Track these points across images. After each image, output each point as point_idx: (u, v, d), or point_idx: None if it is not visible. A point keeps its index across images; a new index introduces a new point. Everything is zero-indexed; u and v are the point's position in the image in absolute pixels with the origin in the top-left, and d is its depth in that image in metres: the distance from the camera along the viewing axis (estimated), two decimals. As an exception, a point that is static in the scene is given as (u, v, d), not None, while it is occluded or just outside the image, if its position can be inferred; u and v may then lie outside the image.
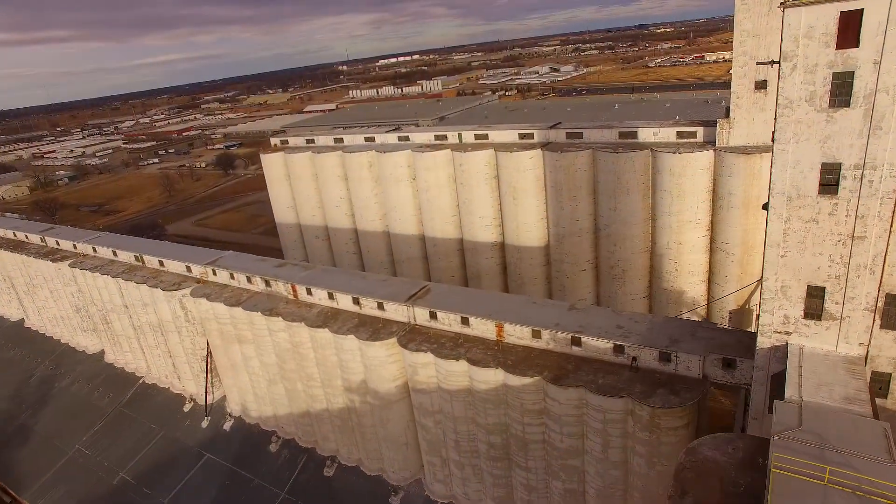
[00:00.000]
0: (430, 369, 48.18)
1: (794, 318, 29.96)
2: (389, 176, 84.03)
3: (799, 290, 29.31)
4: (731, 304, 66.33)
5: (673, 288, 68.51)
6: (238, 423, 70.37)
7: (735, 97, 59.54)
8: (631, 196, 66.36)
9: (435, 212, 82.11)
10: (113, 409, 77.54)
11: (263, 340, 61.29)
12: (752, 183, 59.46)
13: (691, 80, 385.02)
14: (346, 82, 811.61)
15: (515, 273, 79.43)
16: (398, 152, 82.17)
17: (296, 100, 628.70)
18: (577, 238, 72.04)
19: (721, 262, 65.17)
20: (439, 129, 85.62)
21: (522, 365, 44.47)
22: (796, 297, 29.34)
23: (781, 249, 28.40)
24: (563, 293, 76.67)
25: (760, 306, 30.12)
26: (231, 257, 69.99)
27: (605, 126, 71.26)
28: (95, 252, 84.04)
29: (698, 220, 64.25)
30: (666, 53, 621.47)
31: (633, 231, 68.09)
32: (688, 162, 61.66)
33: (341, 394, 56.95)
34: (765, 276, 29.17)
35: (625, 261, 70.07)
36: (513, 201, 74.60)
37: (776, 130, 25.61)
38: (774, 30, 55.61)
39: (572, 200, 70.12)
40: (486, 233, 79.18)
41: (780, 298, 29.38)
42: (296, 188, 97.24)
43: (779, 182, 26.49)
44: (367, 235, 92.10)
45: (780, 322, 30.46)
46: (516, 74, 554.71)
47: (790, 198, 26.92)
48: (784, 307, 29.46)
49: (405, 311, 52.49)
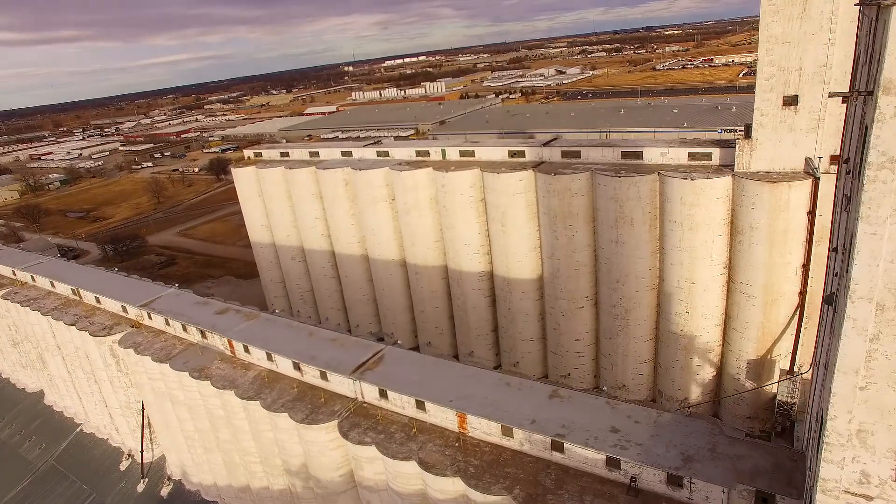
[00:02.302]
0: (377, 465, 39.21)
1: (877, 478, 20.32)
2: (366, 196, 75.42)
3: (887, 440, 19.92)
4: (749, 354, 57.29)
5: (683, 332, 59.45)
6: (177, 490, 61.80)
7: (759, 114, 50.51)
8: (635, 227, 57.37)
9: (416, 236, 73.42)
10: (44, 464, 69.14)
11: (195, 403, 52.71)
12: (777, 216, 50.38)
13: (700, 83, 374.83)
14: (351, 83, 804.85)
15: (505, 307, 70.60)
16: (375, 170, 73.52)
17: (298, 101, 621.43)
18: (574, 272, 63.11)
19: (740, 305, 56.07)
20: (420, 144, 76.91)
21: (488, 475, 35.02)
22: (882, 448, 19.60)
23: (861, 379, 19.03)
24: (557, 332, 67.78)
25: (823, 452, 20.72)
26: (169, 298, 61.46)
27: (605, 144, 62.32)
28: (34, 281, 75.74)
29: (714, 257, 55.20)
30: (674, 56, 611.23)
31: (638, 267, 59.10)
32: (702, 189, 52.64)
33: (282, 474, 48.21)
34: (831, 413, 19.74)
35: (628, 299, 61.10)
36: (501, 228, 65.77)
37: (862, 204, 16.50)
38: (809, 36, 46.58)
39: (568, 229, 61.20)
40: (472, 262, 70.40)
41: (856, 447, 20.04)
42: (269, 205, 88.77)
43: (863, 281, 17.20)
44: (344, 259, 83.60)
45: (854, 480, 20.56)
46: (521, 77, 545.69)
47: (882, 306, 17.49)
48: (861, 460, 20.19)
49: (351, 386, 43.62)
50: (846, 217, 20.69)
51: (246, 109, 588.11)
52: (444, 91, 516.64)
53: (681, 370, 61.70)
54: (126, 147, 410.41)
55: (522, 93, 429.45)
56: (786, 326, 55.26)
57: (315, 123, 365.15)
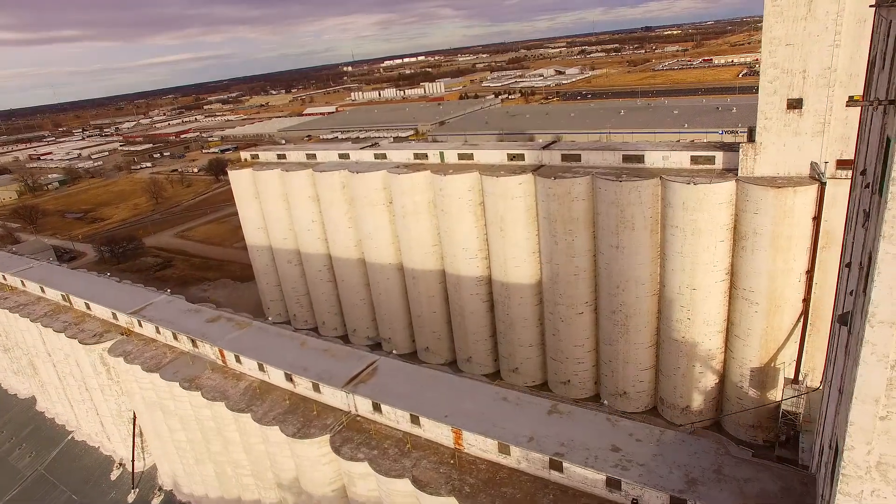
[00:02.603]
0: (369, 481, 38.08)
1: (899, 515, 19.09)
2: (363, 199, 74.33)
3: (911, 474, 18.34)
4: (752, 361, 56.24)
5: (685, 339, 58.38)
6: (168, 500, 60.66)
7: (762, 117, 49.46)
8: (636, 231, 56.31)
9: (413, 241, 72.34)
10: (33, 472, 67.99)
11: (186, 414, 51.58)
12: (782, 222, 49.34)
13: (699, 84, 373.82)
14: (350, 84, 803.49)
15: (503, 313, 69.52)
16: (372, 173, 72.44)
17: (297, 101, 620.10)
18: (574, 277, 62.05)
19: (743, 312, 55.01)
20: (419, 147, 75.83)
21: (483, 495, 33.74)
22: (906, 484, 18.45)
23: (882, 408, 17.73)
24: (557, 338, 66.70)
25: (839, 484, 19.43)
26: (161, 305, 60.32)
27: (606, 148, 61.26)
28: (24, 286, 74.60)
29: (716, 263, 54.14)
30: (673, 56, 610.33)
31: (639, 272, 58.05)
32: (705, 194, 51.59)
33: (273, 488, 47.10)
34: (849, 443, 18.52)
35: (628, 305, 60.03)
36: (500, 233, 64.71)
37: (885, 223, 15.31)
38: (813, 38, 45.52)
39: (568, 234, 60.13)
40: (470, 266, 69.31)
41: (876, 480, 18.79)
42: (266, 208, 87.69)
43: (884, 305, 15.89)
44: (341, 263, 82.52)
45: (871, 514, 19.49)
46: (520, 77, 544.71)
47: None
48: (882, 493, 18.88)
49: (344, 398, 42.53)
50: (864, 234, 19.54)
51: (245, 110, 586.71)
52: (444, 91, 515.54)
53: (682, 377, 60.64)
54: (125, 147, 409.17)
55: (522, 93, 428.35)
56: (790, 334, 54.18)
57: (314, 124, 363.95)
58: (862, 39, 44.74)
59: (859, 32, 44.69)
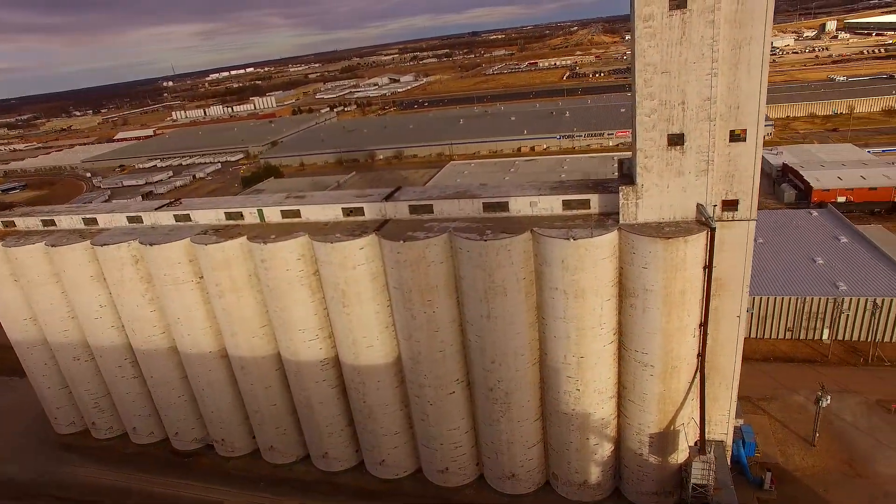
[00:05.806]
0: None
1: None
2: (164, 276, 57.16)
3: None
4: (650, 427, 49.04)
5: (575, 411, 49.76)
6: None
7: (642, 156, 41.71)
8: (509, 297, 46.39)
9: (235, 324, 56.83)
10: None
11: None
12: (675, 276, 42.00)
13: (529, 87, 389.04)
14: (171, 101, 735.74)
15: (359, 400, 56.57)
16: (172, 243, 55.69)
17: (108, 124, 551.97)
18: (440, 354, 50.86)
19: (636, 375, 47.44)
20: (231, 203, 60.24)
21: None
22: None
23: None
24: (426, 423, 55.29)
25: None
26: None
27: (462, 196, 50.68)
28: None
29: (603, 324, 45.89)
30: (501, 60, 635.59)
31: (517, 343, 48.30)
32: (587, 250, 42.85)
33: None
34: None
35: (508, 380, 50.14)
36: (342, 309, 51.68)
37: None
38: (690, 65, 38.26)
39: (427, 305, 48.73)
40: (311, 350, 55.46)
41: None
42: (32, 295, 66.18)
43: None
44: (147, 355, 64.03)
45: None
46: (355, 87, 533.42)
47: None
48: None
49: None
50: None
51: (40, 136, 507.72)
52: (276, 106, 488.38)
53: (576, 451, 52.20)
54: None
55: (357, 104, 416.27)
56: (686, 393, 47.64)
57: (128, 151, 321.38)
58: (739, 67, 38.40)
59: (735, 59, 38.32)
